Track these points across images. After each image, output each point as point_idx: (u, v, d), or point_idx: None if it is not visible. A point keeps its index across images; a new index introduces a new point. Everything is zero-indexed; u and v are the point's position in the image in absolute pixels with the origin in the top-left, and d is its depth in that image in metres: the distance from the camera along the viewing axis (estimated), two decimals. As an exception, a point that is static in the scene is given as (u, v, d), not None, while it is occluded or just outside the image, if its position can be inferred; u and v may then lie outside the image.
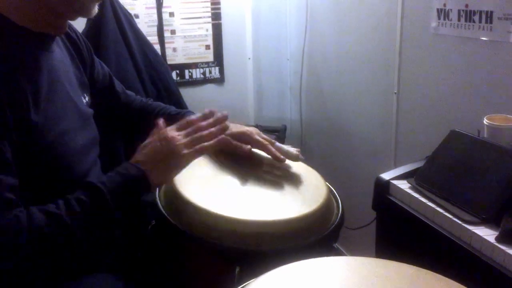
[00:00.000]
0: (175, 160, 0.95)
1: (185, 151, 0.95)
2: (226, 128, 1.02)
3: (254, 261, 0.88)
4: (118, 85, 1.33)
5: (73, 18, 1.03)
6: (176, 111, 1.31)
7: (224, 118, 1.03)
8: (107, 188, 0.88)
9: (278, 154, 1.12)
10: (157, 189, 1.04)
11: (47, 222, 0.83)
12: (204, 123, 1.01)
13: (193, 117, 1.03)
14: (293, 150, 1.14)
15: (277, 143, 1.15)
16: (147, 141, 0.99)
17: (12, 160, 0.85)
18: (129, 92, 1.37)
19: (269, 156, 1.18)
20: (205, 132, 0.99)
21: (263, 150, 1.13)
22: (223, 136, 1.00)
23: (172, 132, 0.98)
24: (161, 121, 1.02)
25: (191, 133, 0.98)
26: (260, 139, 1.14)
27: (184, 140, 0.97)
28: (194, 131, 0.99)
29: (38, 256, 0.82)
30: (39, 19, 0.95)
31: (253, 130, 1.17)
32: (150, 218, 1.06)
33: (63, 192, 0.98)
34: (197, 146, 0.96)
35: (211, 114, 1.04)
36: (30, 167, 0.90)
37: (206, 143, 0.97)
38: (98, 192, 0.88)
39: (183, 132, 0.98)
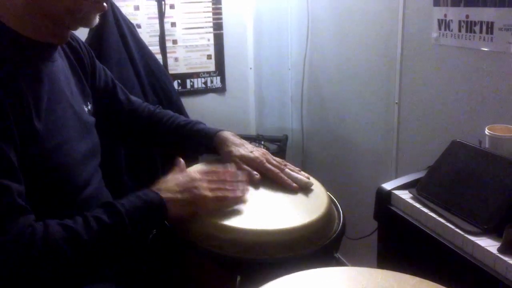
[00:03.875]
0: (196, 197, 0.96)
1: (207, 193, 0.96)
2: (247, 189, 1.03)
3: (255, 271, 0.88)
4: (122, 92, 1.32)
5: (75, 28, 1.03)
6: (185, 121, 1.30)
7: (249, 178, 1.05)
8: (125, 209, 0.88)
9: (289, 182, 1.10)
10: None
11: (64, 235, 0.83)
12: (229, 177, 1.02)
13: (219, 168, 1.04)
14: (302, 177, 1.11)
15: (287, 169, 1.12)
16: (169, 175, 1.00)
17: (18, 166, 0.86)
18: (134, 98, 1.35)
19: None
20: (228, 186, 1.00)
21: (275, 180, 1.11)
22: (244, 194, 1.01)
23: (196, 173, 1.00)
24: (182, 161, 1.05)
25: (215, 181, 1.00)
26: (271, 168, 1.12)
27: (207, 183, 0.98)
28: (219, 179, 1.00)
29: (48, 268, 0.82)
30: (41, 29, 0.96)
31: (263, 158, 1.14)
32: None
33: (64, 202, 0.98)
34: (220, 193, 0.97)
35: (235, 172, 1.05)
36: (31, 176, 0.90)
37: (229, 194, 0.98)
38: (116, 211, 0.88)
39: (208, 177, 1.00)
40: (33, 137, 0.89)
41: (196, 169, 1.04)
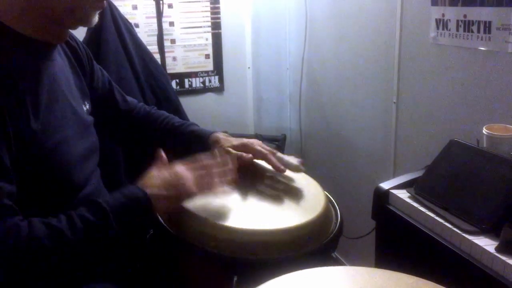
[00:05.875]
0: (181, 191, 0.95)
1: (194, 188, 0.97)
2: (235, 173, 1.03)
3: (252, 271, 0.87)
4: (118, 93, 1.32)
5: (74, 27, 1.03)
6: (180, 122, 1.30)
7: (233, 161, 1.04)
8: (110, 207, 0.88)
9: (278, 164, 1.12)
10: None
11: (48, 234, 0.82)
12: (215, 167, 1.02)
13: (204, 159, 1.03)
14: (294, 160, 1.13)
15: (279, 154, 1.15)
16: (153, 170, 0.99)
17: (11, 167, 0.85)
18: (130, 99, 1.35)
19: (268, 167, 1.18)
20: (214, 170, 1.00)
21: (265, 160, 1.13)
22: (230, 179, 1.01)
23: (181, 167, 0.99)
24: (163, 153, 1.03)
25: (202, 175, 1.00)
26: (262, 149, 1.14)
27: (193, 178, 0.98)
28: (206, 173, 1.00)
29: (34, 268, 0.81)
30: (40, 28, 0.95)
31: (254, 141, 1.17)
32: (148, 227, 1.06)
33: (63, 201, 0.98)
34: (207, 188, 0.98)
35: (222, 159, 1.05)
36: (29, 175, 0.90)
37: (217, 187, 0.98)
38: (101, 209, 0.87)
39: (193, 172, 1.00)
40: (31, 137, 0.89)
41: (182, 164, 1.02)
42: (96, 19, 1.00)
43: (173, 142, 1.28)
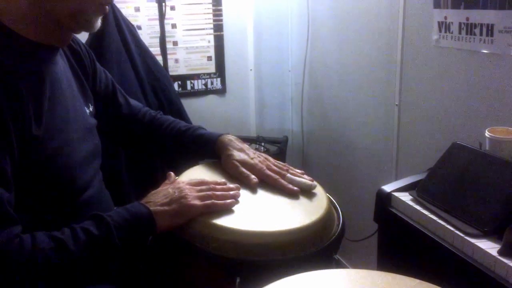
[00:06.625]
0: (184, 208, 0.96)
1: (196, 201, 0.97)
2: (238, 195, 1.03)
3: (255, 272, 0.87)
4: (121, 96, 1.31)
5: (78, 32, 1.03)
6: (186, 126, 1.29)
7: (237, 188, 1.05)
8: (113, 221, 0.89)
9: (290, 187, 1.08)
10: None
11: (51, 246, 0.83)
12: (218, 186, 1.03)
13: (208, 179, 1.06)
14: (305, 181, 1.10)
15: (289, 175, 1.10)
16: (159, 188, 1.02)
17: (11, 174, 0.85)
18: (134, 102, 1.34)
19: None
20: (218, 193, 1.01)
21: (275, 186, 1.09)
22: (234, 200, 1.01)
23: (185, 184, 1.01)
24: (172, 174, 1.07)
25: (204, 190, 1.01)
26: (271, 174, 1.10)
27: (196, 193, 0.99)
28: (208, 189, 1.01)
29: (36, 278, 0.81)
30: (43, 31, 0.96)
31: (263, 165, 1.13)
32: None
33: (65, 204, 0.98)
34: (208, 201, 0.98)
35: (224, 183, 1.07)
36: (31, 178, 0.90)
37: (217, 201, 0.98)
38: (104, 223, 0.88)
39: (196, 187, 1.01)
40: (33, 142, 0.89)
41: (185, 180, 1.05)
42: (99, 24, 1.00)
43: (179, 147, 1.27)
